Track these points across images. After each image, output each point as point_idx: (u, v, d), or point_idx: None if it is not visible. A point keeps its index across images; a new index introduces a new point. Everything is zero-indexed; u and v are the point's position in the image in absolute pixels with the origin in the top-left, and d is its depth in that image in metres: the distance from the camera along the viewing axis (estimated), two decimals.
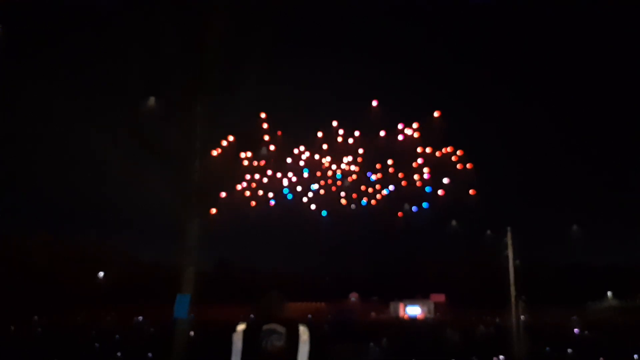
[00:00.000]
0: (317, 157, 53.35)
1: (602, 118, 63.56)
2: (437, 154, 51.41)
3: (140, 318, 35.36)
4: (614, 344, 20.08)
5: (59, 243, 55.99)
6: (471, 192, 50.07)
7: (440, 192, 50.20)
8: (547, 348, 18.76)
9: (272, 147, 50.71)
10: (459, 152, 51.21)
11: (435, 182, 51.86)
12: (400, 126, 52.89)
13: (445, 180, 50.19)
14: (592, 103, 63.41)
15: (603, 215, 63.53)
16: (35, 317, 33.59)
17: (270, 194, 52.15)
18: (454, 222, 58.72)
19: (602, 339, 22.41)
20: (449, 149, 51.26)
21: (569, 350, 18.17)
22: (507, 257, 21.46)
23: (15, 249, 51.11)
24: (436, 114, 50.83)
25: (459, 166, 50.68)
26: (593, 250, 69.66)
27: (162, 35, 10.19)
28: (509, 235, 21.81)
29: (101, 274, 59.99)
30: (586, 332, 27.13)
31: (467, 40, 70.11)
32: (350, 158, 53.98)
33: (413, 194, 52.73)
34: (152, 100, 11.05)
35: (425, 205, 51.42)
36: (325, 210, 53.66)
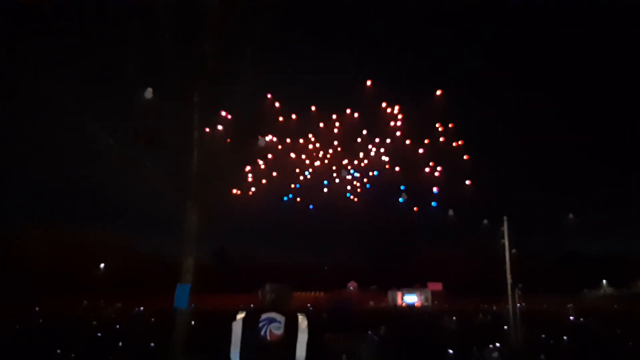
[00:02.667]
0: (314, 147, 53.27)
1: (601, 107, 63.52)
2: (440, 129, 51.00)
3: (141, 308, 35.58)
4: (609, 332, 20.29)
5: (60, 234, 55.98)
6: (468, 182, 50.26)
7: (435, 189, 50.28)
8: (543, 336, 18.92)
9: (268, 138, 50.50)
10: (454, 144, 51.25)
11: (433, 172, 51.90)
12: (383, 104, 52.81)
13: (439, 168, 50.30)
14: (592, 92, 63.25)
15: (599, 204, 63.80)
16: (37, 308, 33.78)
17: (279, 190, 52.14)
18: (451, 212, 58.95)
19: (597, 327, 22.64)
20: (449, 125, 50.92)
21: (565, 338, 18.34)
22: (503, 246, 21.57)
23: (15, 241, 51.13)
24: (438, 92, 50.54)
25: (456, 144, 50.49)
26: (589, 239, 70.02)
27: (161, 23, 10.14)
28: (505, 224, 21.91)
29: (102, 265, 60.14)
30: (582, 319, 27.40)
31: (468, 26, 69.39)
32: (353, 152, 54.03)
33: (413, 185, 52.83)
34: (150, 89, 11.01)
35: (434, 204, 51.46)
36: (335, 199, 53.64)
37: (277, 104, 49.29)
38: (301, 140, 54.90)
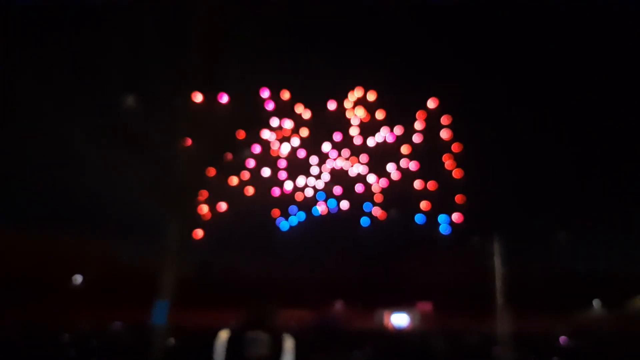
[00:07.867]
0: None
1: (593, 123, 64.20)
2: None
3: (119, 324, 34.63)
4: (600, 353, 20.13)
5: (33, 243, 54.60)
6: (458, 198, 50.24)
7: (425, 204, 50.14)
8: (533, 356, 18.71)
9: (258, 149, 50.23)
10: (444, 157, 51.38)
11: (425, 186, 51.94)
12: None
13: (432, 185, 50.32)
14: (584, 108, 63.87)
15: (590, 222, 64.21)
16: (8, 321, 32.64)
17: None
18: (441, 229, 58.81)
19: (588, 348, 22.49)
20: (446, 129, 50.78)
21: (555, 359, 18.16)
22: (494, 265, 21.38)
23: None
24: (433, 103, 50.65)
25: (449, 157, 50.38)
26: (580, 257, 70.51)
27: (146, 28, 9.90)
28: (496, 243, 21.75)
29: (79, 278, 58.79)
30: (572, 340, 27.24)
31: (460, 36, 69.86)
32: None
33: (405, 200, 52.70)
34: (132, 97, 10.75)
35: (443, 229, 51.14)
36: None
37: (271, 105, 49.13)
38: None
